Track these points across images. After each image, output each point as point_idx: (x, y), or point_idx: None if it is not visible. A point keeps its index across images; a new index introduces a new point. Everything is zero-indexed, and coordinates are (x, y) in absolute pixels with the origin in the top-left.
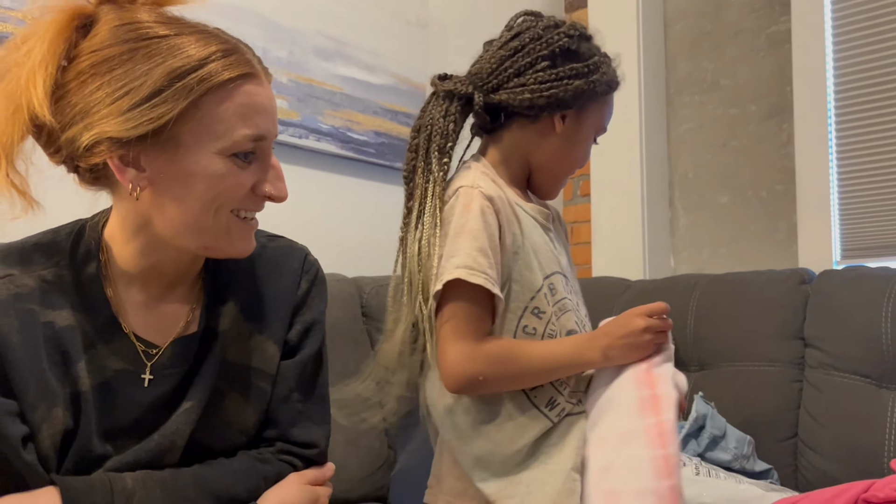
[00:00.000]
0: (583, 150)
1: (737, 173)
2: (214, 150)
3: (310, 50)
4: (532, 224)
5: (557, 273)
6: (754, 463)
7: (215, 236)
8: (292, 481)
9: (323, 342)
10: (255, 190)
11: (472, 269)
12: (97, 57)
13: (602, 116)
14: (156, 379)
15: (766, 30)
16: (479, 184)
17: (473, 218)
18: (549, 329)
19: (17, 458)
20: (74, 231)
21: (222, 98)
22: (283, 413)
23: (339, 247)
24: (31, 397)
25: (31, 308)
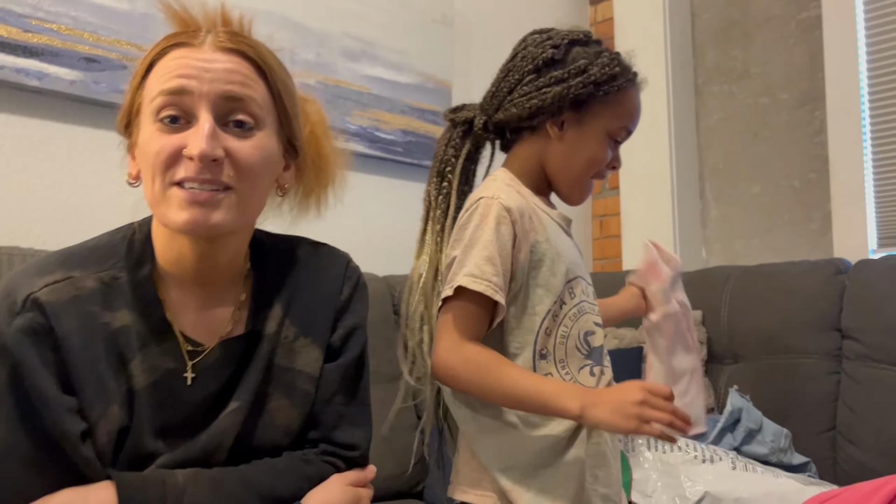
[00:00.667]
0: (592, 152)
1: (769, 163)
2: (149, 120)
3: (337, 51)
4: (557, 230)
5: (580, 277)
6: (791, 456)
7: (161, 207)
8: (335, 482)
9: (365, 346)
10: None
11: (475, 277)
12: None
13: (613, 116)
14: (200, 378)
15: (796, 16)
16: (500, 195)
17: (488, 229)
18: (562, 330)
19: (76, 453)
20: (128, 234)
21: (153, 72)
22: (325, 415)
23: (370, 246)
24: (89, 395)
25: (91, 310)
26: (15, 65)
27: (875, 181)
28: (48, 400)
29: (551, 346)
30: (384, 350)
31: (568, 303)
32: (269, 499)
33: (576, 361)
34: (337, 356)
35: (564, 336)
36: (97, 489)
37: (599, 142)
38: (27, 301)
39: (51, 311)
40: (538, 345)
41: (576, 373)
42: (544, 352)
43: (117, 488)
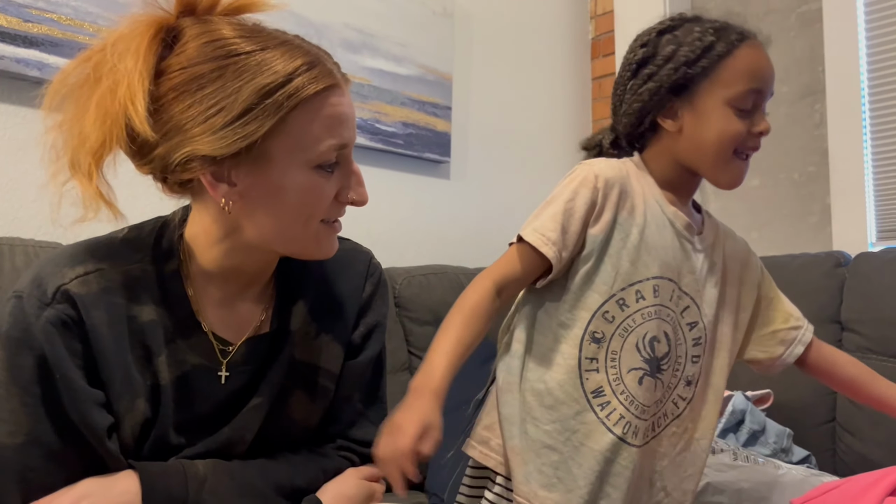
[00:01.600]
0: (719, 129)
1: (769, 156)
2: (302, 162)
3: (337, 43)
4: (661, 223)
5: (670, 280)
6: (792, 455)
7: (304, 244)
8: (350, 475)
9: (384, 345)
10: (338, 197)
11: (535, 229)
12: (188, 74)
13: (726, 85)
14: (231, 375)
15: (796, 9)
16: (597, 163)
17: (566, 189)
18: (627, 323)
19: (101, 445)
20: (157, 228)
21: (309, 112)
22: (344, 412)
23: (370, 238)
24: (117, 388)
25: (119, 302)
26: (15, 55)
27: (874, 174)
28: (76, 392)
29: (609, 333)
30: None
31: (647, 298)
32: (286, 490)
33: (629, 361)
34: (357, 354)
35: (627, 330)
36: (120, 478)
37: (723, 116)
38: (58, 292)
39: (81, 304)
40: (592, 325)
41: (623, 372)
42: (598, 335)
43: (140, 477)
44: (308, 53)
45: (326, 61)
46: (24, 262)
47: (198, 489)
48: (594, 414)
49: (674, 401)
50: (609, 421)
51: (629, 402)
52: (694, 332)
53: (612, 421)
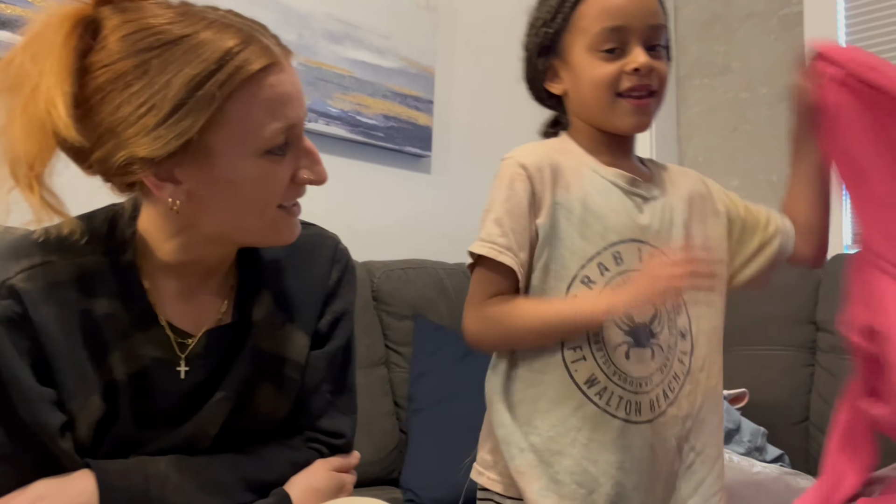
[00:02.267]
0: (588, 77)
1: (747, 157)
2: (248, 151)
3: (320, 33)
4: (602, 188)
5: (632, 241)
6: (766, 454)
7: (263, 233)
8: (319, 467)
9: (352, 332)
10: (293, 179)
11: (483, 241)
12: (111, 72)
13: (582, 32)
14: (191, 369)
15: (778, 12)
16: (517, 153)
17: (500, 189)
18: None
19: (54, 445)
20: (109, 218)
21: (246, 97)
22: (312, 403)
23: (349, 231)
24: (70, 386)
25: (70, 295)
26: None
27: None
28: (25, 392)
29: None
30: (363, 336)
31: (611, 269)
32: (254, 484)
33: (612, 338)
34: (324, 343)
35: None
36: (76, 478)
37: (588, 63)
38: (2, 288)
39: (28, 299)
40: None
41: (611, 352)
42: None
43: (97, 477)
44: (240, 32)
45: (262, 37)
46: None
47: (159, 487)
48: (593, 405)
49: (679, 359)
50: (610, 407)
51: (623, 380)
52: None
53: (612, 406)
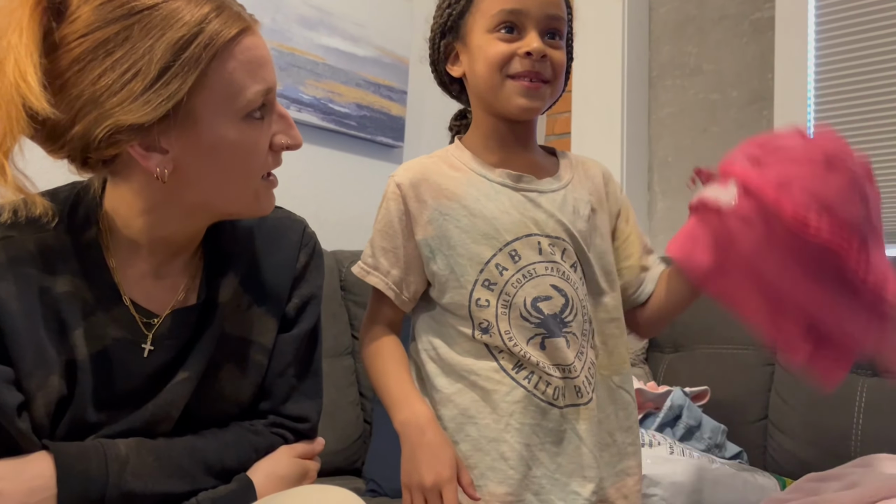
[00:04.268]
0: (482, 55)
1: (716, 158)
2: (231, 114)
3: (293, 18)
4: (490, 192)
5: (528, 236)
6: (725, 451)
7: (245, 202)
8: (283, 454)
9: (319, 317)
10: (271, 146)
11: (361, 261)
12: (90, 41)
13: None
14: (156, 349)
15: (750, 16)
16: (397, 171)
17: (380, 211)
18: (503, 299)
19: (11, 425)
20: (72, 195)
21: (228, 59)
22: (277, 387)
23: (318, 219)
24: (27, 365)
25: (30, 272)
26: None
27: None
28: None
29: (492, 318)
30: (330, 325)
31: (510, 268)
32: (215, 469)
33: (523, 332)
34: (291, 326)
35: (506, 305)
36: (32, 460)
37: (485, 43)
38: None
39: None
40: (475, 318)
41: (524, 345)
42: (484, 325)
43: (55, 459)
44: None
45: (232, 4)
46: None
47: (119, 470)
48: (523, 389)
49: (592, 346)
50: (538, 391)
51: (546, 367)
52: (578, 271)
53: (540, 390)
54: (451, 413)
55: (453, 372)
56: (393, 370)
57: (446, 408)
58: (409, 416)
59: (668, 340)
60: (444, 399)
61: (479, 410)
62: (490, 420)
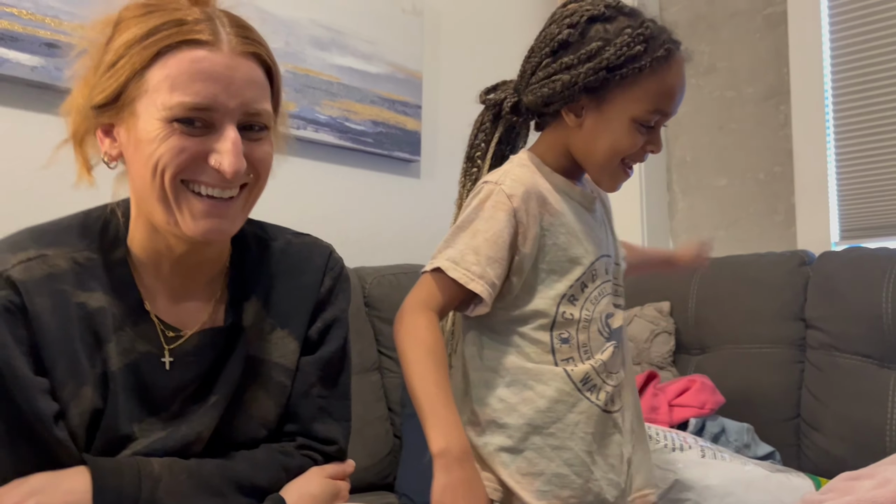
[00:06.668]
0: (614, 141)
1: (735, 156)
2: (156, 116)
3: (306, 40)
4: (576, 209)
5: (603, 257)
6: (756, 448)
7: (170, 209)
8: (314, 474)
9: (346, 340)
10: (206, 160)
11: (455, 263)
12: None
13: (636, 101)
14: (178, 364)
15: (762, 11)
16: (505, 179)
17: (483, 216)
18: (584, 314)
19: (49, 433)
20: (104, 215)
21: (165, 64)
22: (303, 408)
23: (340, 237)
24: (60, 375)
25: (64, 288)
26: None
27: (838, 175)
28: (21, 380)
29: (573, 331)
30: (355, 342)
31: (590, 286)
32: (246, 489)
33: (598, 344)
34: (315, 349)
35: (588, 320)
36: (70, 474)
37: (623, 130)
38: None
39: (24, 290)
40: (557, 328)
41: (601, 356)
42: (565, 336)
43: (92, 474)
44: (198, 14)
45: (214, 23)
46: None
47: (152, 487)
48: (588, 401)
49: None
50: (599, 400)
51: (607, 377)
52: (622, 287)
53: (601, 400)
54: (518, 423)
55: (518, 381)
56: (441, 384)
57: (511, 417)
58: (449, 445)
59: (695, 342)
60: (508, 408)
61: (546, 420)
62: (555, 429)
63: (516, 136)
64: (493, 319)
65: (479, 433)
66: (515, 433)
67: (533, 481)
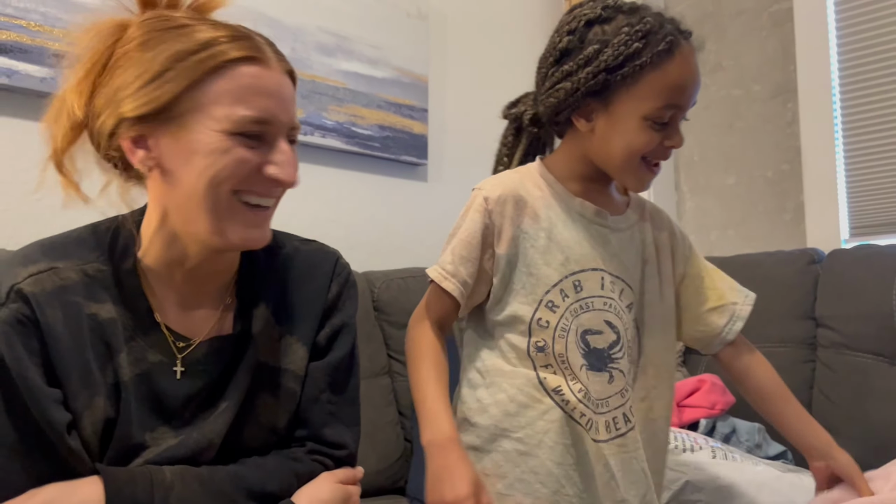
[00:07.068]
0: (628, 141)
1: (742, 154)
2: (213, 127)
3: (312, 46)
4: (567, 220)
5: (594, 270)
6: (768, 448)
7: (219, 219)
8: (325, 479)
9: (354, 345)
10: (260, 171)
11: (440, 267)
12: (122, 51)
13: (643, 99)
14: (188, 373)
15: (767, 9)
16: (486, 184)
17: (465, 220)
18: (562, 323)
19: (62, 443)
20: (113, 227)
21: (223, 78)
22: (313, 414)
23: (349, 241)
24: (73, 385)
25: (76, 300)
26: None
27: (847, 172)
28: (34, 391)
29: (549, 339)
30: (364, 346)
31: (570, 296)
32: (258, 495)
33: (576, 359)
34: (323, 355)
35: (564, 330)
36: (84, 484)
37: (635, 130)
38: (11, 291)
39: (35, 302)
40: (533, 335)
41: (577, 370)
42: (541, 344)
43: (104, 483)
44: (237, 30)
45: (257, 41)
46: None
47: (164, 496)
48: (561, 410)
49: (635, 385)
50: (575, 415)
51: (584, 396)
52: (632, 313)
53: (577, 415)
54: (487, 423)
55: (494, 384)
56: (431, 382)
57: (482, 417)
58: (433, 435)
59: None
60: (481, 408)
61: (514, 424)
62: (523, 434)
63: (543, 147)
64: (485, 322)
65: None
66: (483, 433)
67: (495, 482)
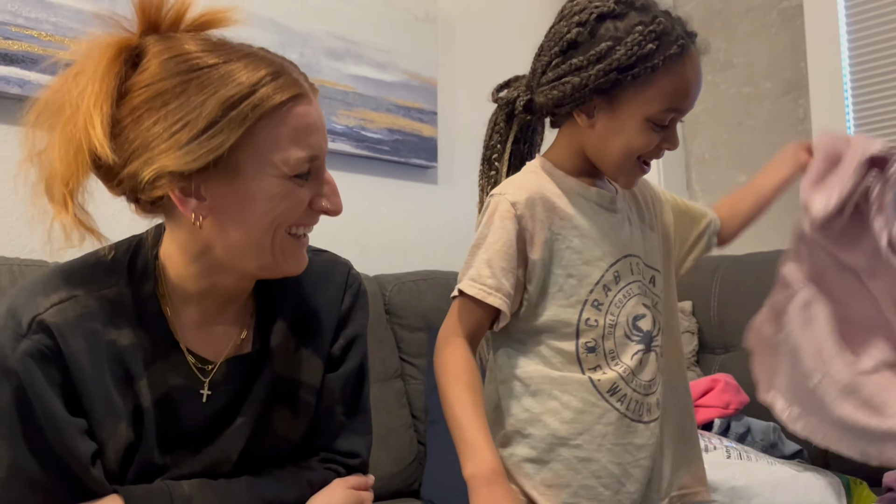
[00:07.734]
0: (627, 141)
1: (754, 152)
2: (272, 173)
3: (321, 51)
4: (591, 211)
5: (628, 257)
6: (783, 447)
7: (272, 256)
8: (337, 486)
9: (365, 355)
10: (311, 205)
11: (473, 280)
12: (150, 91)
13: (649, 101)
14: (213, 395)
15: (777, 5)
16: (508, 189)
17: (492, 229)
18: (609, 319)
19: (86, 474)
20: (131, 249)
21: (275, 123)
22: (327, 424)
23: (359, 245)
24: (98, 415)
25: (97, 328)
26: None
27: None
28: (57, 422)
29: (599, 338)
30: (376, 350)
31: (613, 288)
32: None
33: (628, 350)
34: (338, 366)
35: (612, 325)
36: (104, 502)
37: (636, 130)
38: (33, 323)
39: (58, 333)
40: (582, 337)
41: (629, 362)
42: (591, 344)
43: (124, 500)
44: (272, 64)
45: (292, 71)
46: (10, 281)
47: None
48: (616, 411)
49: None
50: (629, 411)
51: (637, 384)
52: (656, 287)
53: (631, 410)
54: (542, 433)
55: (541, 391)
56: (469, 408)
57: (535, 427)
58: (477, 468)
59: (719, 341)
60: (533, 419)
61: (572, 431)
62: (582, 441)
63: (533, 133)
64: (517, 331)
65: (505, 444)
66: (539, 444)
67: (558, 493)
